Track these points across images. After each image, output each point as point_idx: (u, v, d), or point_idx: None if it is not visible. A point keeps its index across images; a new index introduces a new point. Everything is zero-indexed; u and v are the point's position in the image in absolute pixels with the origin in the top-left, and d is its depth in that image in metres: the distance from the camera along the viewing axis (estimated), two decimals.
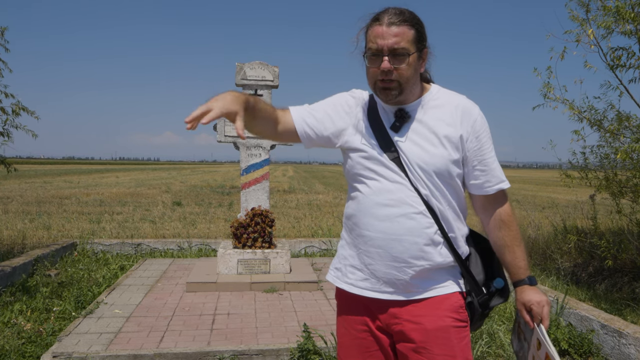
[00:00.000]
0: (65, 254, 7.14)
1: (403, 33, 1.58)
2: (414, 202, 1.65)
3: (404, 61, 1.59)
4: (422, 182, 1.66)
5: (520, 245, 1.74)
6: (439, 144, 1.66)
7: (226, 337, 4.04)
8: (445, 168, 1.66)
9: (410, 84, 1.65)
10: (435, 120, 1.68)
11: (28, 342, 3.93)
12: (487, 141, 1.72)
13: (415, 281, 1.67)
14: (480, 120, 1.71)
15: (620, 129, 5.52)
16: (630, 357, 3.68)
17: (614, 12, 5.12)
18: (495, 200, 1.76)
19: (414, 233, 1.65)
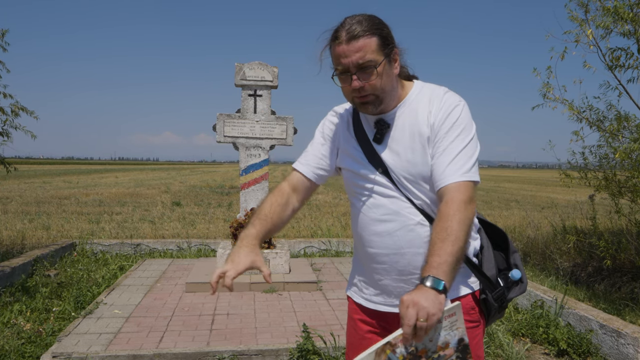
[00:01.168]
0: (65, 254, 7.14)
1: (364, 45, 1.52)
2: (409, 214, 1.62)
3: (372, 73, 1.54)
4: (412, 193, 1.62)
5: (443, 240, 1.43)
6: (419, 149, 1.60)
7: (225, 338, 4.04)
8: (427, 173, 1.60)
9: (387, 91, 1.60)
10: (413, 123, 1.62)
11: (28, 343, 3.93)
12: (453, 128, 1.57)
13: None
14: (455, 110, 1.59)
15: (620, 129, 5.53)
16: (629, 356, 3.68)
17: (612, 13, 5.14)
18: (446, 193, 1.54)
19: (415, 244, 1.62)
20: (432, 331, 1.40)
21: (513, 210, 14.64)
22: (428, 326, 1.33)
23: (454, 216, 1.46)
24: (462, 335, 1.46)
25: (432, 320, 1.33)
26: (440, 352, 1.44)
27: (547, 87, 5.92)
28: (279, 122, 5.98)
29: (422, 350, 1.41)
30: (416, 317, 1.32)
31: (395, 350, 1.38)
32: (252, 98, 5.93)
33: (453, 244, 1.42)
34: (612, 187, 5.81)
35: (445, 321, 1.43)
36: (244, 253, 1.57)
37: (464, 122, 1.59)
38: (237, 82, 5.89)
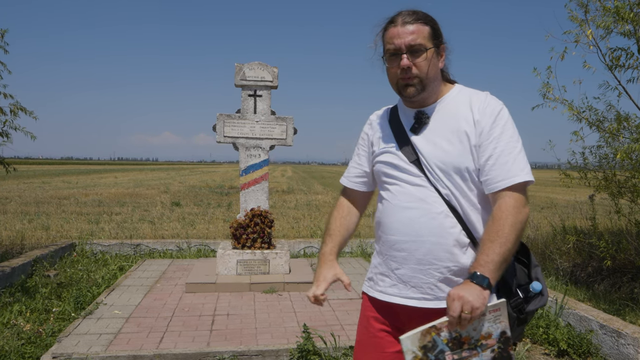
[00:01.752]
0: (64, 255, 7.13)
1: (418, 30, 1.64)
2: (434, 203, 1.66)
3: (421, 56, 1.64)
4: (441, 182, 1.66)
5: (493, 241, 1.54)
6: (456, 142, 1.66)
7: (226, 338, 4.04)
8: (465, 166, 1.65)
9: (430, 80, 1.68)
10: (453, 118, 1.69)
11: (28, 343, 3.92)
12: (505, 132, 1.63)
13: (442, 285, 1.66)
14: (501, 114, 1.65)
15: (620, 129, 5.53)
16: (629, 357, 3.68)
17: (613, 13, 5.14)
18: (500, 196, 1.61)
19: (435, 233, 1.65)
20: (476, 322, 1.53)
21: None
22: (472, 318, 1.47)
23: (506, 219, 1.55)
24: (504, 328, 1.57)
25: (475, 313, 1.46)
26: (483, 341, 1.56)
27: (547, 87, 5.91)
28: (279, 122, 5.98)
29: (465, 337, 1.54)
30: (461, 309, 1.46)
31: (439, 334, 1.52)
32: (252, 98, 5.93)
33: (501, 245, 1.52)
34: (612, 187, 5.81)
35: (489, 315, 1.54)
36: (325, 270, 1.85)
37: (511, 125, 1.65)
38: (237, 83, 5.89)
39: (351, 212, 1.98)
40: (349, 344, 3.80)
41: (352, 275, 6.26)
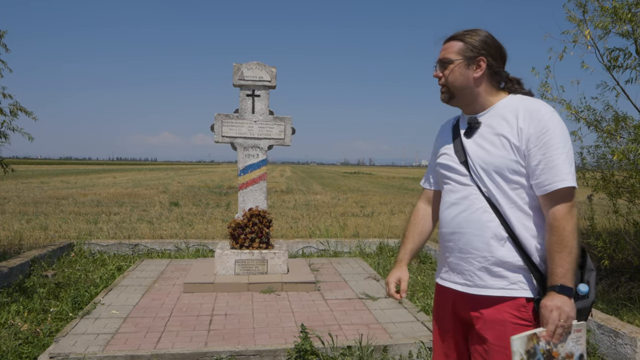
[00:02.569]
0: (62, 255, 7.13)
1: (449, 46, 1.92)
2: (476, 199, 1.85)
3: (446, 68, 1.91)
4: (482, 181, 1.84)
5: (561, 252, 1.69)
6: (500, 145, 1.81)
7: (223, 338, 4.03)
8: (505, 166, 1.79)
9: (458, 89, 1.92)
10: (500, 123, 1.84)
11: (25, 343, 3.92)
12: (549, 140, 1.73)
13: (482, 274, 1.84)
14: (545, 120, 1.75)
15: (618, 129, 5.53)
16: (627, 356, 3.69)
17: (611, 13, 5.14)
18: (551, 201, 1.74)
19: (475, 226, 1.84)
20: (564, 337, 1.68)
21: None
22: (567, 326, 1.66)
23: (565, 228, 1.69)
24: (583, 351, 1.72)
25: (569, 322, 1.66)
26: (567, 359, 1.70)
27: (545, 86, 5.92)
28: (277, 122, 5.97)
29: (555, 352, 1.68)
30: (558, 318, 1.65)
31: (539, 342, 1.67)
32: (250, 98, 5.92)
33: (569, 254, 1.69)
34: (610, 187, 5.82)
35: (573, 334, 1.69)
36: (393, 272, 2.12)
37: (559, 132, 1.74)
38: (235, 82, 5.88)
39: (426, 216, 2.18)
40: (347, 344, 3.80)
41: (349, 275, 6.26)
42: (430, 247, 7.82)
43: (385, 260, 7.27)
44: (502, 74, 1.93)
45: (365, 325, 4.41)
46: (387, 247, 8.14)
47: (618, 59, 5.43)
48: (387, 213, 14.23)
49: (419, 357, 3.81)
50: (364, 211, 14.59)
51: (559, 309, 1.65)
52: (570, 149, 1.75)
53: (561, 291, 1.68)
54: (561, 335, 1.67)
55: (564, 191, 1.71)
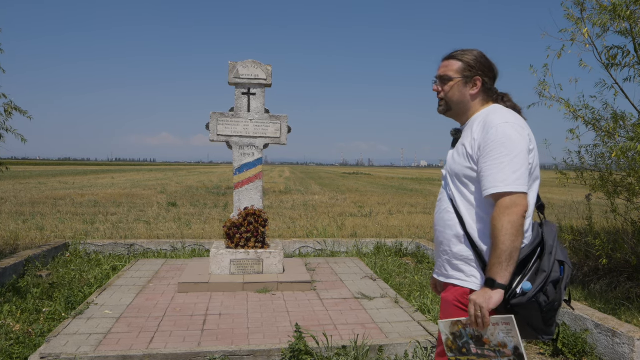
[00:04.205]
0: (57, 255, 7.08)
1: (449, 64, 2.16)
2: (443, 201, 2.17)
3: (445, 84, 2.16)
4: (448, 186, 2.16)
5: (494, 249, 1.89)
6: (461, 154, 2.09)
7: (217, 338, 3.99)
8: (460, 172, 2.07)
9: (454, 103, 2.17)
10: (466, 133, 2.11)
11: (16, 343, 3.87)
12: (493, 149, 1.94)
13: (447, 266, 2.14)
14: (493, 132, 1.96)
15: (616, 128, 5.50)
16: (624, 356, 3.65)
17: (610, 11, 5.11)
18: (491, 204, 1.99)
19: (441, 225, 2.16)
20: (491, 327, 1.89)
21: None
22: (482, 316, 1.87)
23: (497, 228, 1.89)
24: (517, 344, 1.87)
25: (483, 312, 1.87)
26: (500, 349, 1.91)
27: (543, 85, 5.89)
28: (272, 120, 5.93)
29: (485, 339, 1.92)
30: (474, 309, 1.89)
31: (465, 328, 1.95)
32: (246, 96, 5.88)
33: (497, 249, 1.87)
34: (608, 187, 5.78)
35: (502, 325, 1.88)
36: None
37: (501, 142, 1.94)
38: (230, 81, 5.84)
39: None
40: (342, 344, 3.76)
41: (346, 275, 6.22)
42: (427, 247, 7.78)
43: (382, 260, 7.23)
44: (493, 90, 2.18)
45: (361, 325, 4.36)
46: (384, 247, 8.10)
47: (617, 57, 5.39)
48: (385, 213, 14.19)
49: (415, 357, 3.77)
50: (362, 211, 14.56)
51: (473, 301, 1.90)
52: (516, 157, 1.91)
53: (486, 283, 1.91)
54: (482, 323, 1.88)
55: (498, 196, 1.92)
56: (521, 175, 1.91)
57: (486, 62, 2.15)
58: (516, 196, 1.89)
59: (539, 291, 1.90)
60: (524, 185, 1.91)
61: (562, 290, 1.94)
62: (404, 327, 4.35)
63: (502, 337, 1.89)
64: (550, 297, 1.90)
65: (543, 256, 1.98)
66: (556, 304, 1.93)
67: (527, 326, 1.96)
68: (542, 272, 1.93)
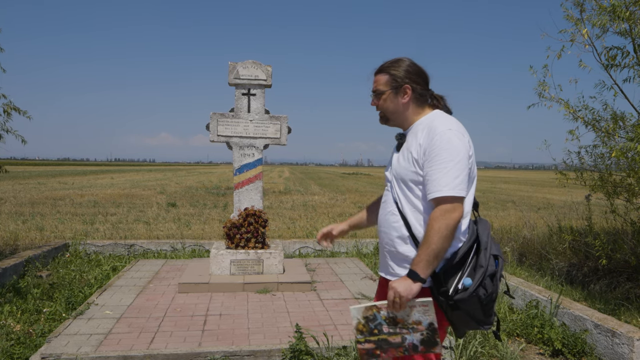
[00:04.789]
0: (57, 255, 7.08)
1: (378, 79, 2.28)
2: (389, 204, 2.24)
3: (380, 98, 2.28)
4: (394, 189, 2.23)
5: (423, 244, 2.01)
6: (406, 158, 2.17)
7: (217, 338, 3.99)
8: (407, 177, 2.15)
9: (390, 113, 2.28)
10: (411, 139, 2.19)
11: (17, 344, 3.88)
12: (436, 156, 2.05)
13: (391, 263, 2.23)
14: (437, 138, 2.06)
15: (616, 128, 5.51)
16: (624, 356, 3.66)
17: (609, 11, 5.12)
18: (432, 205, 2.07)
19: (385, 226, 2.25)
20: (407, 309, 2.06)
21: (509, 211, 14.63)
22: (401, 303, 2.02)
23: (432, 226, 2.00)
24: (432, 321, 2.06)
25: (402, 300, 2.01)
26: (415, 326, 2.08)
27: (543, 85, 5.89)
28: (272, 121, 5.94)
29: (399, 319, 2.09)
30: (393, 296, 2.03)
31: (379, 312, 2.10)
32: (246, 97, 5.89)
33: (428, 247, 1.99)
34: (608, 187, 5.79)
35: (419, 307, 2.05)
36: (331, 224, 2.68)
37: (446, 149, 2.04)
38: (230, 81, 5.84)
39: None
40: (342, 344, 3.76)
41: (346, 275, 6.22)
42: None
43: None
44: (426, 94, 2.26)
45: None
46: None
47: (616, 58, 5.40)
48: None
49: None
50: None
51: (393, 289, 2.03)
52: (458, 163, 2.02)
53: (409, 275, 2.03)
54: (399, 307, 2.03)
55: (441, 199, 2.02)
56: (462, 180, 2.03)
57: (415, 70, 2.25)
58: (457, 201, 2.02)
59: (479, 285, 2.02)
60: (464, 190, 2.03)
61: (497, 282, 2.08)
62: None
63: (417, 316, 2.07)
64: (488, 290, 2.03)
65: (479, 252, 2.10)
66: (494, 296, 2.07)
67: (469, 318, 2.09)
68: (480, 267, 2.06)
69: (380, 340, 2.14)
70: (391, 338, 2.13)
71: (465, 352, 3.87)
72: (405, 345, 2.12)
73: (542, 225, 8.59)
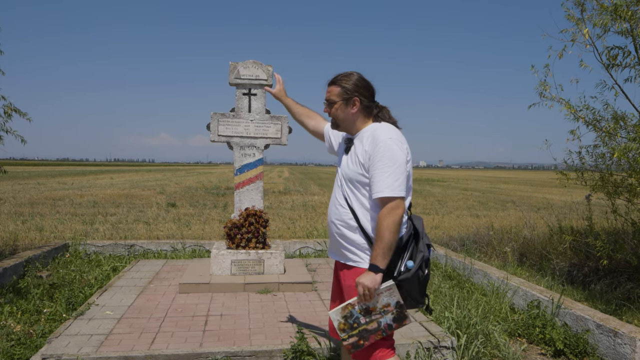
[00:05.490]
0: (57, 255, 7.07)
1: (331, 90, 2.63)
2: (339, 199, 2.62)
3: (332, 107, 2.64)
4: (342, 186, 2.61)
5: (377, 240, 2.36)
6: (354, 162, 2.54)
7: (219, 339, 3.98)
8: (355, 178, 2.52)
9: (341, 120, 2.65)
10: (358, 145, 2.56)
11: (17, 344, 3.86)
12: (379, 160, 2.40)
13: (342, 250, 2.61)
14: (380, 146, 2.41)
15: (617, 128, 5.50)
16: (626, 356, 3.65)
17: (611, 11, 5.11)
18: (378, 204, 2.45)
19: (337, 217, 2.61)
20: (376, 297, 2.43)
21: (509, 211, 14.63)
22: (370, 294, 2.38)
23: (382, 224, 2.36)
24: (398, 299, 2.45)
25: (370, 291, 2.38)
26: (385, 309, 2.46)
27: (544, 85, 5.89)
28: (273, 121, 5.93)
29: (372, 307, 2.45)
30: (362, 290, 2.39)
31: (355, 308, 2.47)
32: (247, 97, 5.88)
33: (381, 242, 2.35)
34: (609, 187, 5.79)
35: (385, 292, 2.44)
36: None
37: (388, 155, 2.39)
38: (231, 81, 5.83)
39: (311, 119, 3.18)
40: None
41: None
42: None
43: None
44: (372, 106, 2.62)
45: None
46: None
47: (617, 58, 5.40)
48: None
49: (417, 357, 3.77)
50: None
51: (362, 284, 2.38)
52: (397, 167, 2.38)
53: (370, 268, 2.38)
54: (370, 298, 2.39)
55: (384, 199, 2.38)
56: (401, 183, 2.38)
57: (363, 84, 2.59)
58: (398, 200, 2.37)
59: (419, 268, 2.44)
60: (403, 191, 2.39)
61: (429, 266, 2.51)
62: (405, 327, 4.34)
63: (386, 300, 2.44)
64: (424, 272, 2.47)
65: (419, 241, 2.50)
66: (427, 278, 2.51)
67: (409, 297, 2.47)
68: (420, 252, 2.47)
69: (360, 331, 2.49)
70: (369, 326, 2.48)
71: (467, 352, 3.87)
72: (382, 327, 2.48)
73: (543, 225, 8.58)
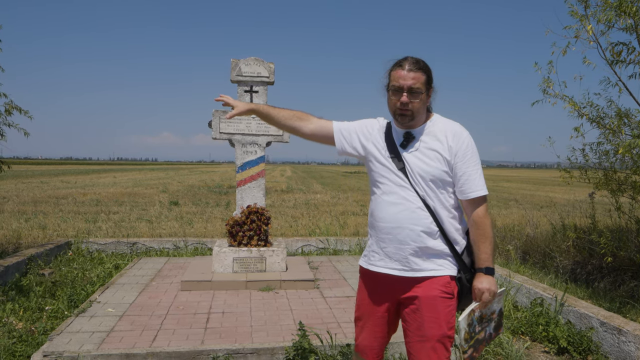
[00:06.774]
0: (60, 253, 7.07)
1: (418, 77, 2.20)
2: (414, 200, 2.23)
3: (417, 97, 2.20)
4: (420, 186, 2.23)
5: (484, 242, 2.21)
6: (434, 158, 2.23)
7: (220, 336, 3.97)
8: (439, 176, 2.22)
9: (419, 113, 2.25)
10: (433, 141, 2.26)
11: (19, 342, 3.86)
12: (471, 157, 2.23)
13: (414, 259, 2.23)
14: (467, 141, 2.24)
15: (621, 125, 5.47)
16: (630, 354, 3.62)
17: (615, 7, 5.08)
18: (473, 204, 2.24)
19: (412, 222, 2.22)
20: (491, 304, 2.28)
21: (512, 209, 14.58)
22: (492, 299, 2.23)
23: (486, 224, 2.22)
24: (501, 307, 2.36)
25: (495, 295, 2.24)
26: (492, 316, 2.32)
27: (548, 82, 5.85)
28: None
29: (484, 314, 2.28)
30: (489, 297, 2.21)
31: (475, 314, 2.23)
32: (248, 94, 5.86)
33: (490, 243, 2.22)
34: (612, 185, 5.75)
35: (498, 297, 2.30)
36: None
37: (476, 151, 2.26)
38: (232, 79, 5.82)
39: (308, 124, 2.47)
40: (346, 342, 3.74)
41: (349, 273, 6.20)
42: None
43: None
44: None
45: None
46: None
47: (621, 54, 5.36)
48: None
49: None
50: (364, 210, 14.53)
51: (489, 290, 2.20)
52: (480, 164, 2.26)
53: (487, 272, 2.21)
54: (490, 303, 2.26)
55: (481, 199, 2.23)
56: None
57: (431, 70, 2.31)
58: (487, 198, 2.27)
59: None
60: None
61: None
62: None
63: (494, 306, 2.32)
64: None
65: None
66: None
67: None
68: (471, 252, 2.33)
69: (475, 341, 2.27)
70: (479, 335, 2.29)
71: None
72: (486, 336, 2.33)
73: (546, 223, 8.55)
